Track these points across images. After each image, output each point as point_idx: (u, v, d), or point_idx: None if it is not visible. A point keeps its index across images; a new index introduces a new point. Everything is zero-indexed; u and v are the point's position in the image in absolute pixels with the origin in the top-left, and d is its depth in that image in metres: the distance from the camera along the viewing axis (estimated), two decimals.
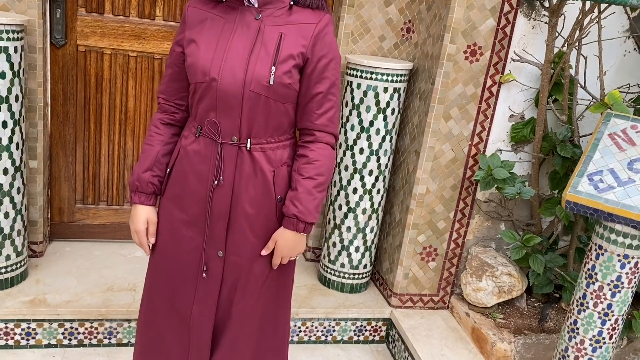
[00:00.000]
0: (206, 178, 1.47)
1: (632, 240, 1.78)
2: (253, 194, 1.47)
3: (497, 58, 2.20)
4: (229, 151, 1.45)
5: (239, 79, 1.38)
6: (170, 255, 1.54)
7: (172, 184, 1.53)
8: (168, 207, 1.54)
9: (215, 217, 1.48)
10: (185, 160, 1.49)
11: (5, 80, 2.00)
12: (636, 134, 1.89)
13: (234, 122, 1.42)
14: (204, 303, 1.53)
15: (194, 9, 1.45)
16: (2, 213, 2.12)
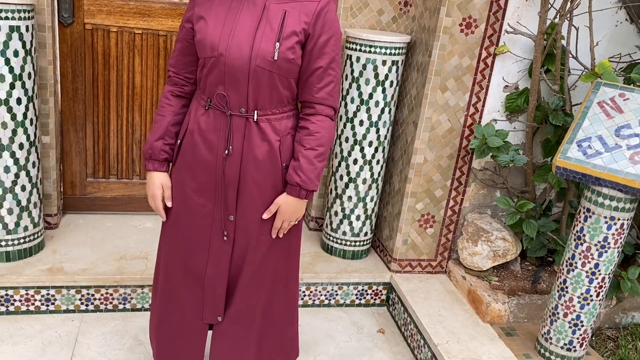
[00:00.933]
0: (216, 148, 1.56)
1: (618, 203, 1.88)
2: (260, 162, 1.57)
3: (491, 30, 2.27)
4: (237, 122, 1.54)
5: (245, 55, 1.46)
6: (183, 220, 1.65)
7: (183, 154, 1.62)
8: (179, 176, 1.63)
9: (225, 184, 1.58)
10: (196, 131, 1.58)
11: (19, 58, 2.08)
12: (624, 101, 1.98)
13: (242, 95, 1.51)
14: (217, 264, 1.64)
15: None
16: (19, 186, 2.23)
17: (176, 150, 1.64)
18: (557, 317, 2.07)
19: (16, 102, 2.12)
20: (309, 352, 2.27)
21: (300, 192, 1.58)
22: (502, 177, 2.51)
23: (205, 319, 1.72)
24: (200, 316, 1.71)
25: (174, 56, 1.62)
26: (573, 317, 2.04)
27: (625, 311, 2.51)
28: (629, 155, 1.86)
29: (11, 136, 2.15)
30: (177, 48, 1.61)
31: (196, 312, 1.71)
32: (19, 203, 2.25)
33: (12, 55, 2.06)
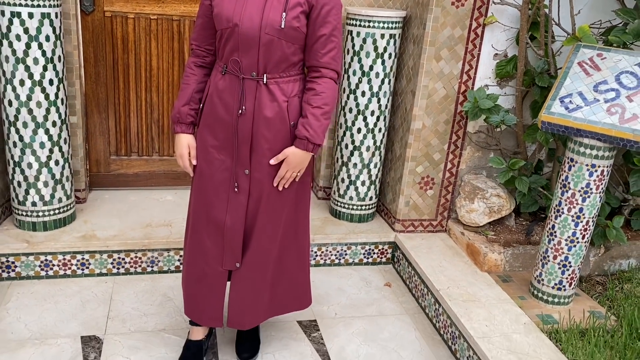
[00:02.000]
0: (232, 108, 1.75)
1: (597, 152, 2.09)
2: (270, 120, 1.75)
3: (480, 2, 2.46)
4: (249, 85, 1.73)
5: (256, 24, 1.66)
6: (205, 175, 1.84)
7: (205, 115, 1.82)
8: (202, 135, 1.83)
9: (240, 141, 1.78)
10: (214, 94, 1.78)
11: (50, 42, 2.29)
12: (601, 60, 2.18)
13: (253, 60, 1.70)
14: (235, 213, 1.85)
15: None
16: (53, 161, 2.44)
17: (199, 113, 1.85)
18: (547, 260, 2.28)
19: (49, 83, 2.33)
20: (322, 303, 2.48)
21: (308, 145, 1.77)
22: (495, 139, 2.72)
23: (225, 266, 1.90)
24: (220, 263, 1.90)
25: (196, 31, 1.82)
26: (562, 259, 2.25)
27: (613, 259, 2.72)
28: (606, 108, 2.06)
29: (45, 114, 2.36)
30: (198, 24, 1.81)
31: (217, 259, 1.89)
32: (53, 177, 2.46)
33: (44, 40, 2.27)
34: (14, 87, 2.28)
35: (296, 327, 2.32)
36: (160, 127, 2.96)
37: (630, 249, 2.72)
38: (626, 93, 2.07)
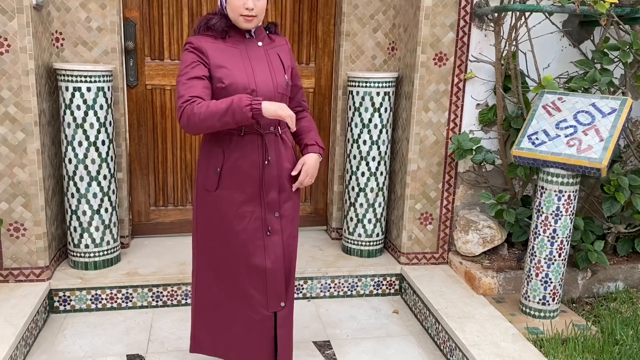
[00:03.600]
0: (257, 162, 1.98)
1: (562, 179, 2.43)
2: (288, 162, 2.06)
3: (459, 61, 2.90)
4: (269, 138, 2.00)
5: (270, 87, 1.96)
6: (239, 230, 2.00)
7: (227, 177, 1.98)
8: (229, 195, 1.99)
9: (268, 188, 2.00)
10: (237, 154, 1.96)
11: (103, 110, 2.80)
12: (562, 103, 2.56)
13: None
14: (273, 255, 2.04)
15: (208, 43, 1.91)
16: (104, 209, 2.89)
17: (217, 179, 1.99)
18: (531, 278, 2.58)
19: (101, 144, 2.82)
20: (335, 327, 2.80)
21: (319, 149, 2.08)
22: (484, 178, 3.08)
23: (271, 308, 2.05)
24: (266, 306, 2.05)
25: (198, 88, 1.85)
26: (543, 276, 2.54)
27: (601, 282, 2.97)
28: (566, 141, 2.43)
29: (98, 170, 2.83)
30: (198, 84, 1.86)
31: (263, 304, 2.05)
32: (103, 222, 2.91)
33: (98, 109, 2.78)
34: (74, 148, 2.77)
35: (311, 346, 2.63)
36: (193, 180, 3.42)
37: (616, 272, 2.98)
38: (582, 128, 2.44)
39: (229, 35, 1.96)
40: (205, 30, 1.95)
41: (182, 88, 1.86)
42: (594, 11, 2.44)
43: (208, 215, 2.04)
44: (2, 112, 2.55)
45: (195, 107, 1.80)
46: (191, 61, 1.88)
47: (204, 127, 1.83)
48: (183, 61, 1.90)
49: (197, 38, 1.92)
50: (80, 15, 2.88)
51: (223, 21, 1.94)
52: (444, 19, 2.84)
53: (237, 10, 1.89)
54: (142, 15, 3.13)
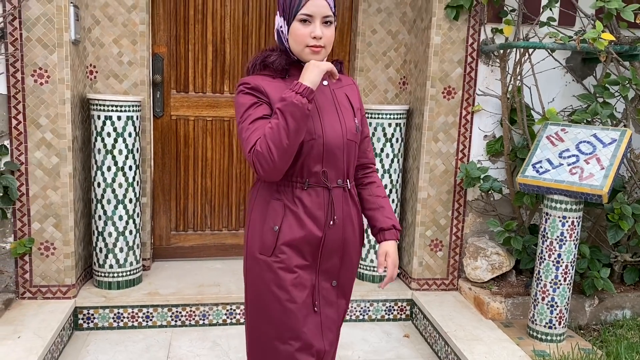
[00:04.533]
0: (321, 221, 1.67)
1: (566, 205, 2.54)
2: (354, 224, 1.75)
3: (467, 95, 3.06)
4: (337, 193, 1.69)
5: (339, 133, 1.66)
6: (296, 301, 1.66)
7: (285, 238, 1.66)
8: (285, 259, 1.65)
9: (329, 253, 1.69)
10: (299, 211, 1.65)
11: (131, 138, 2.99)
12: (564, 134, 2.70)
13: (339, 168, 1.68)
14: (330, 333, 1.74)
15: (265, 82, 1.63)
16: (128, 231, 3.05)
17: (274, 239, 1.66)
18: (537, 302, 2.66)
19: (129, 169, 3.00)
20: (347, 349, 2.88)
21: (397, 233, 1.79)
22: (492, 206, 3.19)
23: None
24: None
25: (262, 128, 1.57)
26: (549, 300, 2.62)
27: (608, 310, 3.03)
28: (569, 169, 2.55)
29: (124, 193, 3.00)
30: (260, 124, 1.58)
31: None
32: (127, 244, 3.06)
33: (127, 136, 2.97)
34: (103, 172, 2.95)
35: None
36: (212, 206, 3.57)
37: (623, 300, 3.04)
38: (584, 157, 2.56)
39: (290, 74, 1.68)
40: (261, 69, 1.69)
41: (247, 133, 1.58)
42: (594, 48, 2.59)
43: (260, 286, 1.69)
44: (39, 137, 2.75)
45: (258, 148, 1.54)
46: (251, 103, 1.62)
47: (280, 158, 1.53)
48: (240, 104, 1.63)
49: (252, 78, 1.66)
50: (113, 50, 3.11)
51: (283, 58, 1.67)
52: (452, 55, 3.01)
53: (302, 40, 1.61)
54: (170, 50, 3.36)
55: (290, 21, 1.62)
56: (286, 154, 1.54)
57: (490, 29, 3.01)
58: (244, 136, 1.59)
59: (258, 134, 1.56)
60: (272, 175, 1.57)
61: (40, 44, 2.68)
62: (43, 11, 2.66)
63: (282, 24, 1.66)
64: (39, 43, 2.68)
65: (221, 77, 3.46)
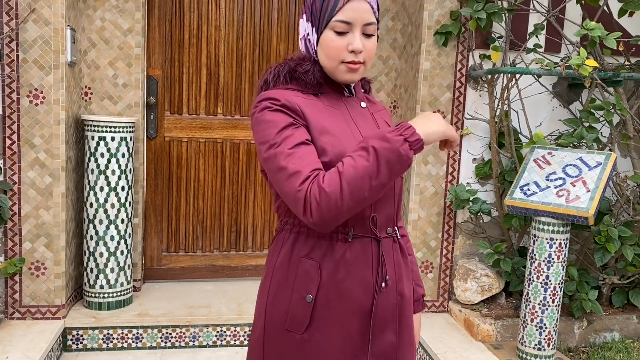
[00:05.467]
0: (369, 284, 1.27)
1: (553, 227, 2.58)
2: (409, 286, 1.35)
3: (456, 119, 3.12)
4: (387, 246, 1.30)
5: None
6: None
7: (325, 309, 1.26)
8: (324, 338, 1.26)
9: (382, 326, 1.28)
10: (341, 272, 1.26)
11: (124, 158, 3.02)
12: (551, 157, 2.75)
13: (390, 211, 1.30)
14: None
15: (298, 99, 1.26)
16: (119, 251, 3.05)
17: (309, 312, 1.25)
18: (526, 324, 2.68)
19: (121, 189, 3.02)
20: None
21: (425, 304, 1.50)
22: (482, 228, 3.22)
23: None
24: None
25: (312, 157, 1.19)
26: (538, 322, 2.64)
27: (597, 332, 3.05)
28: (555, 192, 2.60)
29: (116, 214, 3.01)
30: (309, 152, 1.20)
31: None
32: (118, 264, 3.06)
33: (120, 157, 2.99)
34: (95, 192, 2.97)
35: None
36: (203, 228, 3.59)
37: (611, 322, 3.06)
38: (570, 180, 2.61)
39: (322, 90, 1.32)
40: (286, 82, 1.31)
41: (290, 161, 1.17)
42: (579, 74, 2.66)
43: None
44: (33, 157, 2.77)
45: (325, 185, 1.14)
46: (286, 123, 1.22)
47: (350, 209, 1.15)
48: (270, 123, 1.22)
49: (279, 92, 1.26)
50: (108, 72, 3.16)
51: (317, 69, 1.31)
52: (441, 80, 3.08)
53: (337, 55, 1.26)
54: (164, 73, 3.41)
55: (320, 29, 1.26)
56: (358, 206, 1.16)
57: (478, 54, 3.09)
58: (284, 164, 1.17)
59: (307, 163, 1.17)
60: (327, 224, 1.16)
61: (37, 66, 2.72)
62: (40, 33, 2.70)
63: (310, 31, 1.29)
64: (35, 64, 2.72)
65: (215, 99, 3.50)
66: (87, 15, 3.10)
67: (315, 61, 1.32)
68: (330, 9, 1.24)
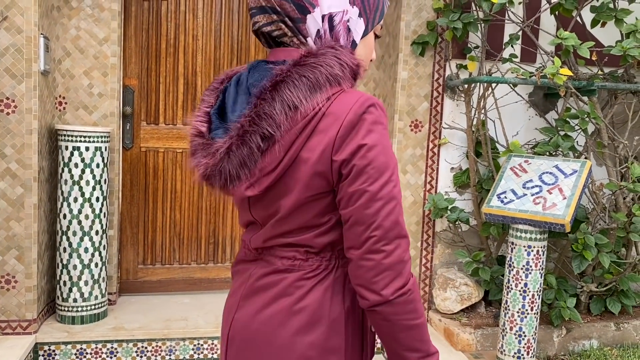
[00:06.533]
0: None
1: (531, 234, 2.59)
2: None
3: (434, 128, 3.14)
4: None
5: None
6: None
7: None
8: None
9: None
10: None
11: (99, 169, 2.96)
12: (527, 165, 2.77)
13: None
14: None
15: None
16: (94, 263, 2.99)
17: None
18: (506, 332, 2.67)
19: (95, 200, 2.96)
20: None
21: None
22: (460, 237, 3.22)
23: None
24: None
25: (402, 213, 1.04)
26: (517, 330, 2.63)
27: (576, 340, 3.06)
28: (532, 199, 2.61)
29: (90, 225, 2.95)
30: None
31: None
32: (92, 277, 2.99)
33: (95, 167, 2.94)
34: (69, 203, 2.91)
35: None
36: (180, 240, 3.53)
37: (590, 330, 3.07)
38: (547, 188, 2.63)
39: None
40: (353, 79, 1.09)
41: (401, 217, 1.03)
42: (553, 83, 2.69)
43: None
44: (3, 168, 2.70)
45: (415, 288, 1.04)
46: (395, 160, 1.06)
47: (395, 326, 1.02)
48: (387, 151, 1.04)
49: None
50: (83, 81, 3.11)
51: None
52: (419, 90, 3.10)
53: (370, 57, 1.18)
54: (141, 83, 3.37)
55: (373, 25, 1.14)
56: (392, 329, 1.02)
57: (455, 64, 3.12)
58: (396, 219, 1.00)
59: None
60: (376, 305, 1.01)
61: (8, 74, 2.67)
62: (12, 41, 2.66)
63: (355, 18, 1.10)
64: (7, 73, 2.67)
65: (192, 109, 3.47)
66: (62, 23, 3.06)
67: None
68: (381, 10, 1.14)
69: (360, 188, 0.98)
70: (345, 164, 0.98)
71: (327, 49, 1.04)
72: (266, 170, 1.02)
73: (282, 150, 1.01)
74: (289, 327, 1.05)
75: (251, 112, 1.00)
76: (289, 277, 1.07)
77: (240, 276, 1.17)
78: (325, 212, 1.04)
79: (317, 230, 1.05)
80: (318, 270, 1.07)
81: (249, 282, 1.12)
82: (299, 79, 1.00)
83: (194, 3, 3.40)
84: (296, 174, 1.02)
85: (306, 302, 1.06)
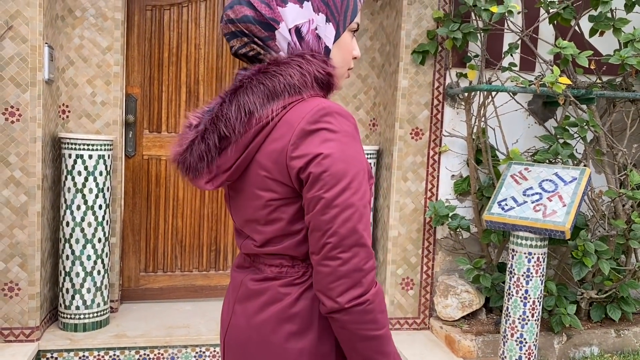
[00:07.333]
0: None
1: (531, 242, 2.61)
2: None
3: (434, 136, 3.16)
4: None
5: None
6: None
7: None
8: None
9: None
10: None
11: (102, 177, 2.98)
12: (527, 172, 2.79)
13: None
14: None
15: None
16: (96, 271, 3.00)
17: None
18: (507, 339, 2.68)
19: (98, 208, 2.98)
20: None
21: None
22: (461, 244, 3.24)
23: None
24: None
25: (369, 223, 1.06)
26: (518, 336, 2.65)
27: (576, 346, 3.07)
28: (532, 207, 2.63)
29: (93, 233, 2.97)
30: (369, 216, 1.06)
31: None
32: (95, 284, 3.00)
33: (98, 175, 2.96)
34: (72, 211, 2.92)
35: None
36: (182, 247, 3.55)
37: (590, 337, 3.08)
38: (547, 195, 2.65)
39: None
40: (321, 87, 1.11)
41: (364, 226, 1.03)
42: (552, 92, 2.72)
43: None
44: (7, 175, 2.72)
45: (380, 298, 1.04)
46: (366, 163, 1.07)
47: (360, 330, 1.02)
48: (356, 156, 1.04)
49: (342, 109, 1.06)
50: (87, 90, 3.14)
51: None
52: (419, 98, 3.12)
53: (349, 59, 1.18)
54: (143, 91, 3.40)
55: (344, 27, 1.14)
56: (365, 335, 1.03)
57: (455, 73, 3.15)
58: (358, 227, 1.00)
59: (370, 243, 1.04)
60: (334, 310, 1.02)
61: (13, 83, 2.70)
62: (17, 51, 2.68)
63: (323, 26, 1.11)
64: (11, 82, 2.69)
65: None
66: (66, 33, 3.09)
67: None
68: (352, 9, 1.14)
69: (316, 195, 1.00)
70: (302, 171, 1.02)
71: (294, 58, 1.07)
72: (222, 168, 1.09)
73: (237, 152, 1.07)
74: (280, 334, 1.08)
75: (213, 113, 1.08)
76: (277, 284, 1.11)
77: (234, 280, 1.22)
78: (296, 219, 1.07)
79: (294, 238, 1.08)
80: (305, 277, 1.10)
81: (242, 288, 1.17)
82: (257, 86, 1.05)
83: (196, 12, 3.43)
84: (255, 177, 1.08)
85: (296, 308, 1.09)
